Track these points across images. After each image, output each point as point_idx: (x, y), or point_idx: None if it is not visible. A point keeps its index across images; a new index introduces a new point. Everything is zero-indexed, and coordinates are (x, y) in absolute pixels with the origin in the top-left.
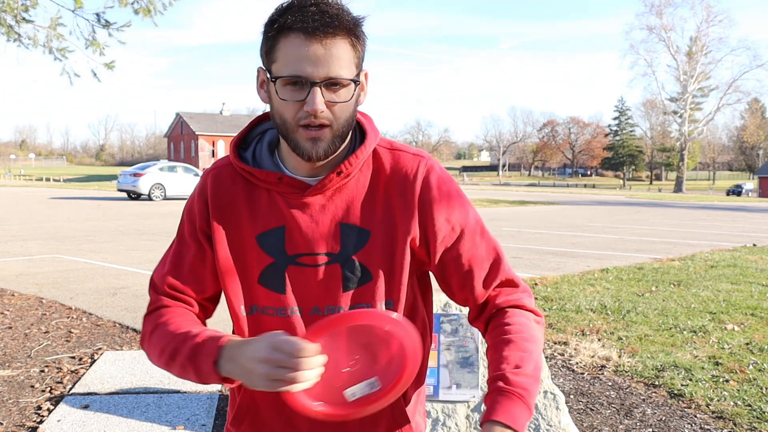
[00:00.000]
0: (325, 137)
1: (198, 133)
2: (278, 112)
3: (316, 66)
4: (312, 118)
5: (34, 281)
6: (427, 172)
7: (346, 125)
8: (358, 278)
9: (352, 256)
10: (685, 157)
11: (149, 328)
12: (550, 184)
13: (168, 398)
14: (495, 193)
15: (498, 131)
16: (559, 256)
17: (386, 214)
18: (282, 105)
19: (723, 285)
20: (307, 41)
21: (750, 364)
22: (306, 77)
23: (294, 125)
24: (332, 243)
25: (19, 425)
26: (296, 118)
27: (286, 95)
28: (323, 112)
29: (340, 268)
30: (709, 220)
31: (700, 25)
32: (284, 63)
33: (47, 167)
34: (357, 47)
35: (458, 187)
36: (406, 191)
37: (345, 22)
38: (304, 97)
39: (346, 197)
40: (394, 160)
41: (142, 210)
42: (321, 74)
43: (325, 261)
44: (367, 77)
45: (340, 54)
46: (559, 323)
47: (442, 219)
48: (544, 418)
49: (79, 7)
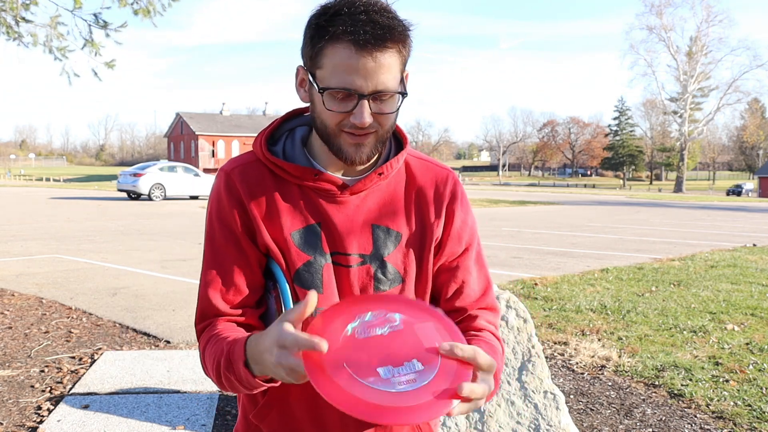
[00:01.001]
0: (369, 143)
1: (198, 133)
2: (321, 119)
3: (366, 79)
4: (357, 129)
5: (34, 281)
6: (455, 185)
7: (389, 131)
8: (390, 280)
9: (384, 258)
10: (685, 157)
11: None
12: (550, 184)
13: (168, 398)
14: (495, 193)
15: (498, 131)
16: (559, 256)
17: (418, 219)
18: (326, 113)
19: (723, 285)
20: (358, 54)
21: (750, 364)
22: (355, 90)
23: (337, 130)
24: (365, 243)
25: (19, 425)
26: (340, 124)
27: (333, 106)
28: (370, 124)
29: (372, 270)
30: (709, 220)
31: (700, 25)
32: (332, 73)
33: (47, 167)
34: (404, 53)
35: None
36: (438, 199)
37: (396, 33)
38: (351, 108)
39: (378, 199)
40: (425, 169)
41: (142, 210)
42: (370, 87)
43: (358, 262)
44: (407, 77)
45: (389, 65)
46: (559, 323)
47: (456, 231)
48: (544, 418)
49: (78, 7)
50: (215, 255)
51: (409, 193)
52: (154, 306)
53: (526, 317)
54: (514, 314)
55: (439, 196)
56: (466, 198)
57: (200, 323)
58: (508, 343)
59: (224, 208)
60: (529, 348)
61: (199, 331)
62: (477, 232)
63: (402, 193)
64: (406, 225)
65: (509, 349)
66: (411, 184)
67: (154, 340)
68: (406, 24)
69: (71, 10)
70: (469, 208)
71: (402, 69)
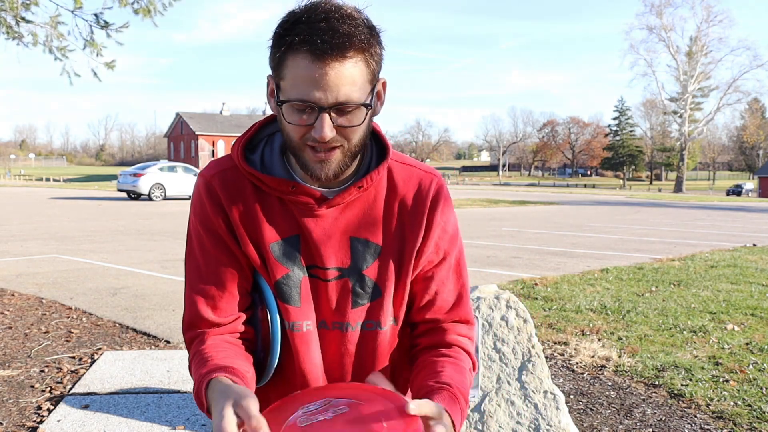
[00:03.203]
0: (335, 159)
1: (198, 133)
2: (285, 132)
3: (325, 91)
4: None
5: (34, 281)
6: (438, 191)
7: (358, 145)
8: (368, 294)
9: (362, 271)
10: (685, 157)
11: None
12: (550, 184)
13: (168, 398)
14: (495, 193)
15: (498, 131)
16: (559, 256)
17: (397, 230)
18: (289, 127)
19: (723, 285)
20: (315, 64)
21: (750, 364)
22: (314, 102)
23: (302, 144)
24: (342, 257)
25: (19, 425)
26: (303, 139)
27: (293, 119)
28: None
29: (350, 283)
30: (709, 220)
31: (700, 25)
32: (291, 85)
33: (47, 167)
34: (371, 62)
35: (456, 215)
36: (418, 208)
37: (358, 41)
38: (312, 121)
39: (358, 210)
40: (409, 175)
41: (142, 210)
42: (330, 99)
43: (335, 275)
44: (384, 86)
45: (352, 75)
46: (559, 323)
47: (434, 241)
48: (544, 418)
49: (78, 7)
50: (206, 261)
51: (389, 204)
52: (154, 306)
53: (526, 317)
54: (514, 314)
55: (420, 205)
56: (450, 202)
57: (188, 332)
58: (508, 343)
59: (208, 215)
60: (529, 348)
61: (187, 341)
62: (459, 239)
63: (382, 204)
64: (386, 237)
65: (509, 349)
66: (392, 194)
67: (154, 340)
68: (373, 30)
69: (72, 10)
70: (450, 214)
71: (371, 79)
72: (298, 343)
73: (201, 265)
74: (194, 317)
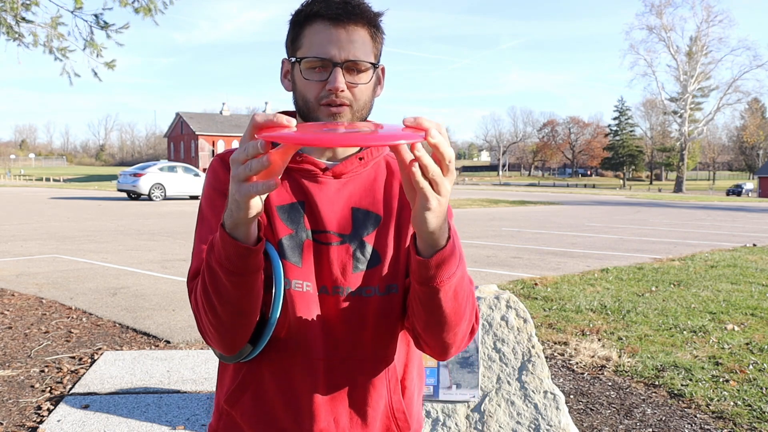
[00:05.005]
0: (345, 115)
1: (198, 133)
2: (301, 94)
3: (339, 49)
4: (333, 97)
5: (34, 281)
6: None
7: (365, 107)
8: (368, 260)
9: (363, 238)
10: (685, 157)
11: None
12: (550, 184)
13: (168, 398)
14: (495, 193)
15: (498, 131)
16: (559, 256)
17: (398, 204)
18: (305, 85)
19: (723, 285)
20: (331, 26)
21: (750, 364)
22: (329, 59)
23: (316, 104)
24: (344, 224)
25: (19, 425)
26: (318, 97)
27: (309, 75)
28: (344, 92)
29: (351, 249)
30: (709, 220)
31: (700, 25)
32: (309, 47)
33: (47, 167)
34: (376, 39)
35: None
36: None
37: (366, 12)
38: (326, 77)
39: (359, 185)
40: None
41: (142, 210)
42: (343, 56)
43: (337, 240)
44: (384, 72)
45: (361, 40)
46: (559, 323)
47: None
48: (544, 418)
49: (78, 7)
50: (215, 216)
51: (389, 184)
52: (154, 306)
53: (526, 317)
54: (514, 314)
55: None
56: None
57: (192, 281)
58: (508, 343)
59: (220, 179)
60: (529, 348)
61: (190, 289)
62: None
63: (383, 184)
64: (386, 209)
65: (509, 349)
66: (392, 177)
67: (154, 340)
68: (377, 10)
69: (72, 11)
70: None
71: (376, 54)
72: (297, 303)
73: (210, 219)
74: (200, 263)
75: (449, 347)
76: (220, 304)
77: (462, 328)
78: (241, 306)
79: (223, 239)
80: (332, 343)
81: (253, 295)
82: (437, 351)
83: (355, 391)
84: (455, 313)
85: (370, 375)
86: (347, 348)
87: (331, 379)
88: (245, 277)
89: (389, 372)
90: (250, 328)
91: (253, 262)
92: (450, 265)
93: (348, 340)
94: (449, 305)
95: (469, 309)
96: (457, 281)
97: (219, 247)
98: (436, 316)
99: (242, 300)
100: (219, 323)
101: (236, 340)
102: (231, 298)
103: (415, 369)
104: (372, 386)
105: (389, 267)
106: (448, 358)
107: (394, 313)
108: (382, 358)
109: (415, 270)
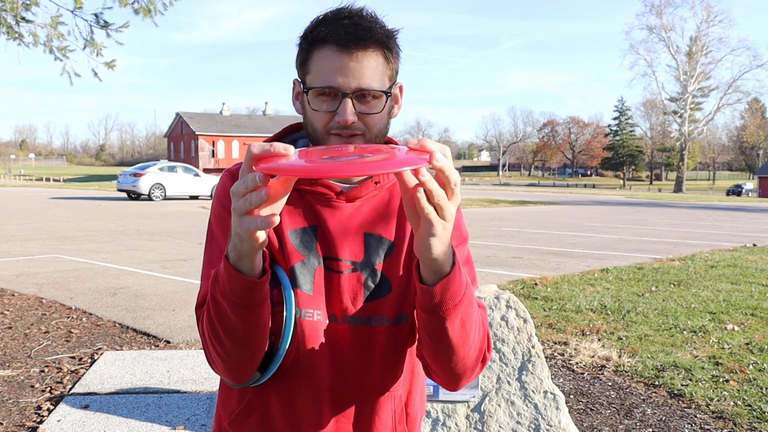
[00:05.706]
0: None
1: (198, 133)
2: (310, 122)
3: (347, 77)
4: (343, 129)
5: (34, 281)
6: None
7: (378, 135)
8: (379, 289)
9: (375, 266)
10: (685, 157)
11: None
12: (550, 184)
13: (168, 398)
14: (495, 193)
15: (498, 131)
16: (559, 256)
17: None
18: (314, 115)
19: (723, 285)
20: (340, 53)
21: (750, 364)
22: (337, 88)
23: (325, 134)
24: (356, 251)
25: (19, 425)
26: (327, 127)
27: (318, 106)
28: (354, 123)
29: (363, 277)
30: (709, 220)
31: (700, 25)
32: (317, 74)
33: (47, 167)
34: (390, 60)
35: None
36: None
37: (377, 35)
38: (335, 107)
39: (372, 208)
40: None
41: (142, 210)
42: (352, 85)
43: (349, 268)
44: (401, 90)
45: (372, 66)
46: (559, 323)
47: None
48: (544, 418)
49: (78, 7)
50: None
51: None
52: (154, 306)
53: (526, 317)
54: (514, 314)
55: None
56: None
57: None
58: (508, 343)
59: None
60: (529, 348)
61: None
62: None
63: (397, 203)
64: (398, 234)
65: (509, 349)
66: None
67: (154, 340)
68: (390, 29)
69: (72, 10)
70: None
71: (390, 75)
72: (307, 332)
73: (219, 239)
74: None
75: (459, 378)
76: (227, 335)
77: (471, 358)
78: (247, 339)
79: (228, 272)
80: (339, 373)
81: (260, 328)
82: (446, 381)
83: (360, 421)
84: (463, 342)
85: (375, 405)
86: (354, 378)
87: (337, 408)
88: (251, 310)
89: (395, 402)
90: (258, 359)
91: (259, 295)
92: (455, 292)
93: (355, 370)
94: (456, 334)
95: (479, 337)
96: (465, 309)
97: (224, 280)
98: (443, 345)
99: (248, 333)
100: (226, 354)
101: (244, 371)
102: (237, 331)
103: (418, 394)
104: (377, 417)
105: (400, 296)
106: (459, 389)
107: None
108: (389, 389)
109: (420, 298)
